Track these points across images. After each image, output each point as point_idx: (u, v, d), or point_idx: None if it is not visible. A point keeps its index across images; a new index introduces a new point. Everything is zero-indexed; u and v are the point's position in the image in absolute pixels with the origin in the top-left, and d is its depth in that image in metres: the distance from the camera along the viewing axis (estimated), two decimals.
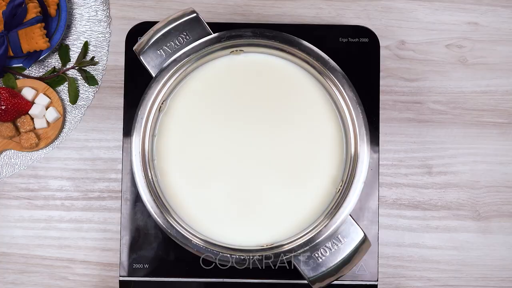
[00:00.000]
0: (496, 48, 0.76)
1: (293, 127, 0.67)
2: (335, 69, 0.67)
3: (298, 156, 0.67)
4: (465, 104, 0.75)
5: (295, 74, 0.68)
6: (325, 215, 0.65)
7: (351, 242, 0.65)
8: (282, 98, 0.67)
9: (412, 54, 0.75)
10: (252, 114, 0.66)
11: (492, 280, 0.74)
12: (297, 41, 0.67)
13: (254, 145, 0.67)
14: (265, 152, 0.66)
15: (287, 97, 0.67)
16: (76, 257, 0.74)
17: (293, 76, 0.68)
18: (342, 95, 0.66)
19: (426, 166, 0.75)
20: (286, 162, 0.67)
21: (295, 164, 0.67)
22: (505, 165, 0.75)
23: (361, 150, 0.65)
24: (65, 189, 0.74)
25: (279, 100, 0.67)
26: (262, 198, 0.66)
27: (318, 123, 0.67)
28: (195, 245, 0.64)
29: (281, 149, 0.66)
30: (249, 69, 0.67)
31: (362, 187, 0.64)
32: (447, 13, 0.76)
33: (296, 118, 0.67)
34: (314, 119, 0.67)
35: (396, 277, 0.74)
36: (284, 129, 0.67)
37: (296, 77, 0.68)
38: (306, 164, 0.67)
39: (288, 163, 0.67)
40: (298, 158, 0.67)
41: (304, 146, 0.67)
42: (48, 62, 0.76)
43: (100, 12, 0.75)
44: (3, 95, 0.70)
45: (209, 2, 0.76)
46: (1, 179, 0.74)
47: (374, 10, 0.76)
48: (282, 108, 0.67)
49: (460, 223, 0.74)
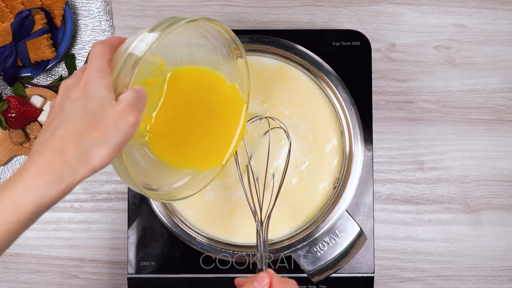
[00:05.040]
0: (482, 48, 0.77)
1: (295, 127, 0.68)
2: (329, 71, 0.68)
3: (298, 156, 0.68)
4: (453, 103, 0.76)
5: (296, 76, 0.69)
6: (323, 211, 0.67)
7: (348, 236, 0.66)
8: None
9: (402, 56, 0.76)
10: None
11: (483, 270, 0.75)
12: (293, 46, 0.69)
13: (255, 145, 0.68)
14: (265, 151, 0.67)
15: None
16: (86, 257, 0.75)
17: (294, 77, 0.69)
18: (336, 96, 0.68)
19: (417, 162, 0.75)
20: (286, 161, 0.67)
21: (295, 163, 0.68)
22: (493, 160, 0.76)
23: (355, 149, 0.67)
24: (74, 191, 0.75)
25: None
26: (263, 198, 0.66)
27: (319, 124, 0.68)
28: (199, 242, 0.66)
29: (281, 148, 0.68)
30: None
31: (357, 183, 0.67)
32: (435, 16, 0.77)
33: (298, 117, 0.68)
34: (316, 119, 0.69)
35: (391, 268, 0.75)
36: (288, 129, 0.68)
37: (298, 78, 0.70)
38: (306, 163, 0.68)
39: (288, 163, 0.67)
40: (298, 157, 0.68)
41: (304, 146, 0.68)
42: (55, 71, 0.77)
43: (103, 22, 0.76)
44: (13, 103, 0.71)
45: (207, 10, 0.77)
46: None
47: (365, 14, 0.77)
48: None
49: (452, 216, 0.75)
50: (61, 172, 0.42)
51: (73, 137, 0.42)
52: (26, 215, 0.41)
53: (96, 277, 0.75)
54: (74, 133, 0.43)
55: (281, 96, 0.69)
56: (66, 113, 0.44)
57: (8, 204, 0.41)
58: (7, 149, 0.74)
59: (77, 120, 0.43)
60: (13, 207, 0.41)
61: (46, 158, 0.42)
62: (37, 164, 0.42)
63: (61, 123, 0.43)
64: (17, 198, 0.41)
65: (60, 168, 0.42)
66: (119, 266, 0.75)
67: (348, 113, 0.68)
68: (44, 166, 0.41)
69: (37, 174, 0.41)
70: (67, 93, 0.45)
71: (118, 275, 0.75)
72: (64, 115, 0.44)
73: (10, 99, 0.72)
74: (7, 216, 0.41)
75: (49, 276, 0.75)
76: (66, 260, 0.75)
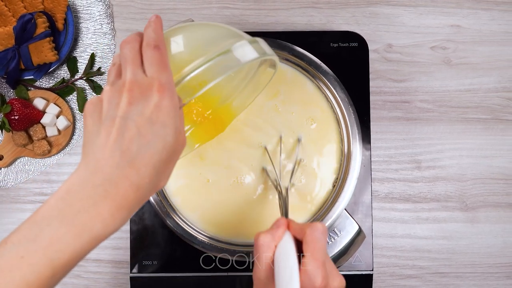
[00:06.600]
0: (478, 48, 0.77)
1: (296, 127, 0.69)
2: (327, 72, 0.69)
3: (298, 155, 0.68)
4: (450, 102, 0.76)
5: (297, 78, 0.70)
6: (322, 210, 0.67)
7: (347, 234, 0.67)
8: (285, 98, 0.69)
9: (399, 57, 0.77)
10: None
11: (481, 267, 0.75)
12: (291, 47, 0.69)
13: (256, 143, 0.68)
14: (266, 151, 0.68)
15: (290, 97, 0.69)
16: (89, 256, 0.74)
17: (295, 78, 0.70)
18: (334, 97, 0.69)
19: (415, 161, 0.76)
20: (286, 161, 0.68)
21: (295, 163, 0.68)
22: (489, 158, 0.76)
23: (353, 148, 0.68)
24: None
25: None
26: (263, 197, 0.68)
27: (319, 124, 0.69)
28: (200, 241, 0.67)
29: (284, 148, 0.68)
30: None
31: (356, 182, 0.67)
32: (431, 17, 0.77)
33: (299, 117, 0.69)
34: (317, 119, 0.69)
35: (390, 266, 0.75)
36: (287, 130, 0.69)
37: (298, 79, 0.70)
38: (306, 163, 0.69)
39: (288, 162, 0.68)
40: (298, 156, 0.68)
41: (304, 146, 0.69)
42: (58, 74, 0.77)
43: (105, 25, 0.77)
44: (16, 105, 0.72)
45: (207, 13, 0.77)
46: (16, 184, 0.76)
47: (362, 16, 0.77)
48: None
49: (449, 214, 0.75)
50: (133, 207, 0.41)
51: (149, 172, 0.41)
52: (96, 246, 0.41)
53: (99, 277, 0.75)
54: (151, 168, 0.41)
55: (281, 96, 0.69)
56: (143, 138, 0.41)
57: (87, 239, 0.40)
58: (11, 151, 0.75)
59: (156, 154, 0.41)
60: (91, 241, 0.40)
61: (123, 192, 0.40)
62: (115, 197, 0.40)
63: (138, 150, 0.41)
64: (97, 232, 0.40)
65: (134, 203, 0.41)
66: (121, 265, 0.75)
67: (346, 113, 0.68)
68: (121, 201, 0.40)
69: (116, 211, 0.40)
70: (133, 100, 0.42)
71: (120, 274, 0.75)
72: (141, 140, 0.41)
73: (13, 102, 0.72)
74: (84, 248, 0.40)
75: None
76: None
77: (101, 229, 0.40)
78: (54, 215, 0.40)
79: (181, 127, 0.43)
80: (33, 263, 0.38)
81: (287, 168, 0.68)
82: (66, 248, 0.39)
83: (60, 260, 0.39)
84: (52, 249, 0.39)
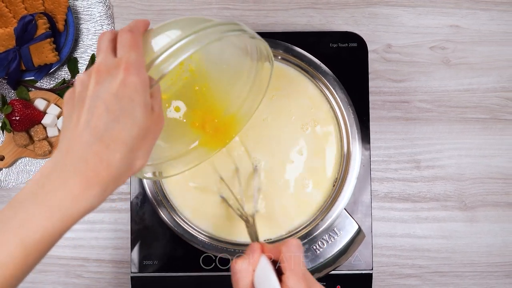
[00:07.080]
0: (477, 48, 0.77)
1: (296, 127, 0.69)
2: (327, 72, 0.69)
3: (297, 155, 0.69)
4: (449, 102, 0.76)
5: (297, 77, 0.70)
6: (322, 210, 0.68)
7: (347, 234, 0.67)
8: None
9: (398, 57, 0.77)
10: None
11: (480, 266, 0.75)
12: (291, 48, 0.70)
13: (256, 144, 0.69)
14: (266, 150, 0.68)
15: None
16: (90, 256, 0.75)
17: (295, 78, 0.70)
18: (334, 97, 0.69)
19: (414, 161, 0.76)
20: (287, 161, 0.69)
21: (295, 162, 0.69)
22: (488, 158, 0.76)
23: (353, 148, 0.68)
24: None
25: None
26: (263, 196, 0.68)
27: (320, 125, 0.69)
28: (200, 241, 0.67)
29: (284, 148, 0.69)
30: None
31: (355, 182, 0.68)
32: (430, 17, 0.77)
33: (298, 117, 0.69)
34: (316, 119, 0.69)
35: (389, 265, 0.75)
36: (287, 130, 0.69)
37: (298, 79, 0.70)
38: (306, 163, 0.69)
39: (288, 162, 0.69)
40: (298, 156, 0.69)
41: (305, 146, 0.69)
42: (58, 74, 0.77)
43: (105, 26, 0.77)
44: (17, 106, 0.72)
45: (207, 13, 0.77)
46: (18, 185, 0.76)
47: (362, 16, 0.77)
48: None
49: (448, 213, 0.75)
50: (107, 184, 0.41)
51: (120, 148, 0.41)
52: (71, 225, 0.41)
53: (100, 276, 0.75)
54: (121, 143, 0.41)
55: (280, 96, 0.69)
56: (111, 113, 0.41)
57: (58, 217, 0.39)
58: (12, 152, 0.75)
59: (124, 130, 0.41)
60: (63, 219, 0.40)
61: (93, 168, 0.40)
62: (85, 174, 0.40)
63: (106, 126, 0.41)
64: (67, 210, 0.40)
65: (106, 180, 0.41)
66: (122, 265, 0.75)
67: (346, 113, 0.69)
68: (92, 177, 0.40)
69: (86, 187, 0.40)
70: (100, 79, 0.42)
71: (121, 274, 0.75)
72: (109, 116, 0.41)
73: (14, 103, 0.72)
74: (56, 227, 0.40)
75: (54, 276, 0.75)
76: (70, 260, 0.75)
77: (72, 206, 0.40)
78: (27, 198, 0.40)
79: (156, 105, 0.44)
80: (4, 243, 0.39)
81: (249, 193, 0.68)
82: (37, 227, 0.39)
83: (31, 239, 0.39)
84: (23, 229, 0.39)
